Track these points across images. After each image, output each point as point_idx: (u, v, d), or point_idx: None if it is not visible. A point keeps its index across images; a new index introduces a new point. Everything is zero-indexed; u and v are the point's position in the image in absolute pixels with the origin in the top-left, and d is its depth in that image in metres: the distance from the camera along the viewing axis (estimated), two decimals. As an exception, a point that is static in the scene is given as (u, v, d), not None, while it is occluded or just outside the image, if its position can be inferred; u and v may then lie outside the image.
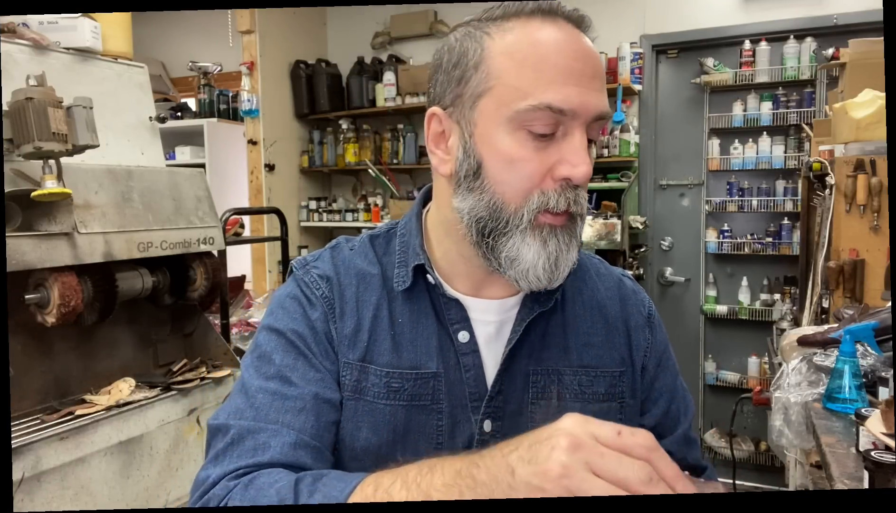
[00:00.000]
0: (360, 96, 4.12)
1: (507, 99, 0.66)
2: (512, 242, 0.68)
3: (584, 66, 0.66)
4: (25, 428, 1.59)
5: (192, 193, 2.05)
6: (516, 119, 0.66)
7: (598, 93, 0.67)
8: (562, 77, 0.65)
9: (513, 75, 0.66)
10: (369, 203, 4.23)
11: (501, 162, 0.67)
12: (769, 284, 3.58)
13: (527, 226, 0.67)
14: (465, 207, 0.70)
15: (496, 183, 0.68)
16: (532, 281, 0.69)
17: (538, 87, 0.65)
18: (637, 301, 0.85)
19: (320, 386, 0.72)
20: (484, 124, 0.68)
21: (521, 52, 0.66)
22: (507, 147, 0.67)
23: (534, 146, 0.66)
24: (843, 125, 2.11)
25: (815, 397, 1.49)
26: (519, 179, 0.67)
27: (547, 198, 0.67)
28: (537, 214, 0.67)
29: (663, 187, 3.83)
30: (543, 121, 0.65)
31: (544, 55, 0.66)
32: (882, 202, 1.97)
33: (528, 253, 0.68)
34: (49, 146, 1.50)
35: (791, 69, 3.39)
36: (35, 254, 1.57)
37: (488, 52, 0.68)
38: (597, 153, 3.61)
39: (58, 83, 1.59)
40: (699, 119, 3.71)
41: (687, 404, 0.85)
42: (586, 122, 0.67)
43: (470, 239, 0.71)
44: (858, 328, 1.57)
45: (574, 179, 0.66)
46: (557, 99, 0.64)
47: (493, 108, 0.67)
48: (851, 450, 1.20)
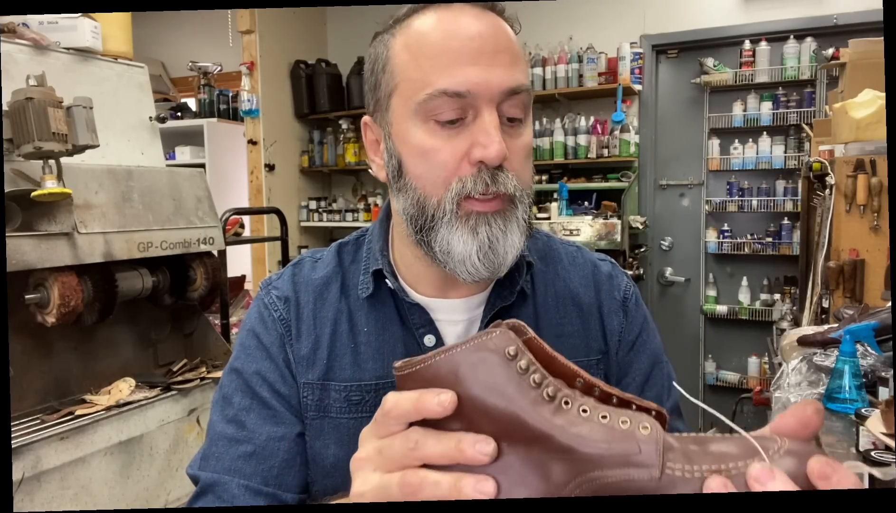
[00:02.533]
0: (360, 96, 4.12)
1: (410, 92, 0.66)
2: (441, 235, 0.67)
3: (483, 44, 0.64)
4: (25, 428, 1.59)
5: (192, 193, 2.05)
6: (421, 111, 0.65)
7: (505, 68, 0.65)
8: (456, 60, 0.64)
9: (412, 68, 0.66)
10: (369, 203, 4.23)
11: (416, 156, 0.67)
12: (769, 284, 3.58)
13: (451, 216, 0.66)
14: (400, 208, 0.70)
15: (415, 178, 0.68)
16: (471, 271, 0.67)
17: (433, 74, 0.64)
18: (611, 286, 0.83)
19: (274, 424, 0.73)
20: (397, 123, 0.68)
21: (416, 43, 0.66)
22: (419, 140, 0.66)
23: (445, 134, 0.65)
24: (843, 125, 2.11)
25: (815, 397, 1.49)
26: (433, 169, 0.66)
27: (464, 183, 0.65)
28: (460, 203, 0.65)
29: (663, 187, 3.83)
30: (446, 107, 0.64)
31: (437, 41, 0.65)
32: (882, 202, 1.97)
33: (458, 243, 0.66)
34: (49, 146, 1.50)
35: (791, 69, 3.40)
36: (35, 254, 1.57)
37: (392, 51, 0.68)
38: (597, 153, 3.63)
39: (58, 83, 1.59)
40: (699, 119, 3.71)
41: (670, 394, 0.83)
42: (494, 99, 0.64)
43: (412, 239, 0.71)
44: (858, 328, 1.57)
45: (486, 159, 0.64)
46: (452, 82, 0.63)
47: (401, 105, 0.67)
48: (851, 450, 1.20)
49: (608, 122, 3.64)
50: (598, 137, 3.63)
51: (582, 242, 3.36)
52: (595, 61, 3.60)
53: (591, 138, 3.63)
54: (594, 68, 3.60)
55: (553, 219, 3.49)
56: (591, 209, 3.59)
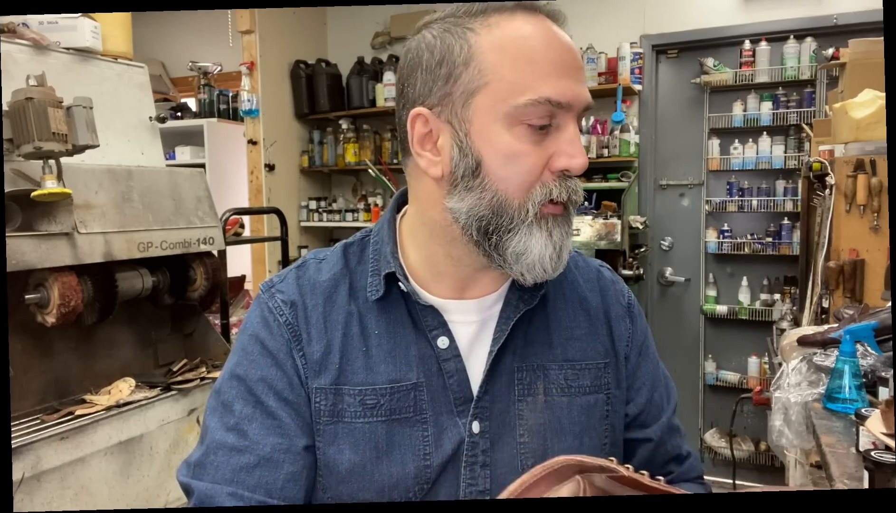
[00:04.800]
0: (360, 96, 4.12)
1: (504, 94, 0.66)
2: (519, 238, 0.68)
3: (573, 59, 0.68)
4: (25, 428, 1.59)
5: (192, 193, 2.05)
6: (514, 114, 0.66)
7: (583, 84, 0.69)
8: (556, 70, 0.66)
9: (508, 70, 0.66)
10: (369, 203, 4.23)
11: (502, 158, 0.67)
12: (769, 284, 3.58)
13: (532, 219, 0.68)
14: (462, 208, 0.69)
15: (498, 180, 0.68)
16: (539, 273, 0.69)
17: (535, 81, 0.65)
18: (616, 291, 0.85)
19: (279, 436, 0.71)
20: (480, 121, 0.67)
21: (512, 46, 0.66)
22: (506, 143, 0.67)
23: (532, 140, 0.67)
24: (843, 125, 2.11)
25: (815, 397, 1.49)
26: (520, 173, 0.67)
27: (548, 189, 0.68)
28: (541, 207, 0.68)
29: (663, 187, 3.83)
30: (541, 114, 0.66)
31: (536, 49, 0.66)
32: (882, 202, 1.97)
33: (535, 246, 0.68)
34: (49, 146, 1.50)
35: (791, 69, 3.40)
36: (35, 254, 1.57)
37: (477, 47, 0.67)
38: (597, 153, 3.61)
39: (58, 83, 1.60)
40: (699, 119, 3.71)
41: (669, 391, 0.86)
42: (579, 113, 0.69)
43: (469, 239, 0.70)
44: (858, 328, 1.57)
45: (573, 169, 0.68)
46: (556, 92, 0.65)
47: (490, 105, 0.67)
48: (851, 450, 1.20)
49: (608, 123, 3.64)
50: (598, 136, 3.63)
51: (582, 243, 3.36)
52: (595, 61, 3.60)
53: (591, 138, 3.63)
54: (594, 68, 3.60)
55: (553, 219, 3.48)
56: (591, 209, 3.58)
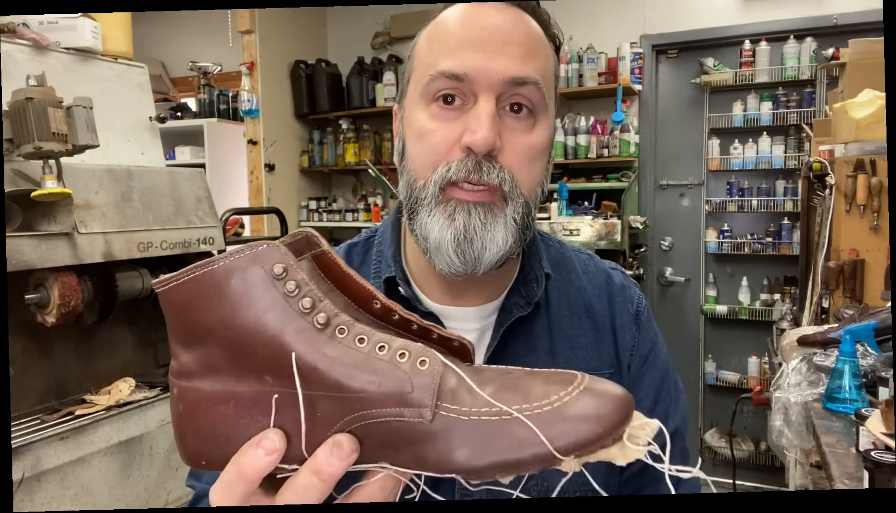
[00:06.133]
0: (360, 96, 4.12)
1: (420, 75, 0.67)
2: (420, 218, 0.65)
3: (493, 34, 0.64)
4: (25, 428, 1.59)
5: (192, 193, 2.05)
6: (426, 93, 0.66)
7: (512, 58, 0.64)
8: (463, 44, 0.64)
9: (425, 53, 0.67)
10: (369, 203, 4.23)
11: (414, 137, 0.67)
12: (769, 284, 3.58)
13: (432, 200, 0.64)
14: (401, 192, 0.70)
15: (411, 159, 0.67)
16: (447, 261, 0.65)
17: (440, 57, 0.65)
18: (625, 298, 0.81)
19: None
20: (409, 106, 0.69)
21: (435, 30, 0.68)
22: (419, 122, 0.66)
23: (443, 117, 0.65)
24: (843, 125, 2.11)
25: (815, 397, 1.49)
26: (425, 150, 0.65)
27: (448, 167, 0.63)
28: (445, 189, 0.64)
29: (663, 187, 3.83)
30: (441, 88, 0.64)
31: (450, 28, 0.66)
32: (882, 202, 1.97)
33: (434, 228, 0.64)
34: (49, 146, 1.50)
35: (791, 69, 3.40)
36: (35, 254, 1.57)
37: (417, 40, 0.70)
38: (597, 153, 3.62)
39: (58, 83, 1.59)
40: (699, 119, 3.71)
41: (677, 405, 0.81)
42: (493, 88, 0.63)
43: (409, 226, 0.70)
44: (858, 328, 1.57)
45: (472, 145, 0.62)
46: (455, 64, 0.63)
47: (413, 89, 0.68)
48: (851, 450, 1.20)
49: (608, 123, 3.64)
50: (598, 136, 3.63)
51: (582, 243, 3.36)
52: (595, 61, 3.60)
53: (591, 138, 3.63)
54: (594, 68, 3.60)
55: (553, 219, 3.48)
56: (591, 209, 3.58)
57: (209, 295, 0.40)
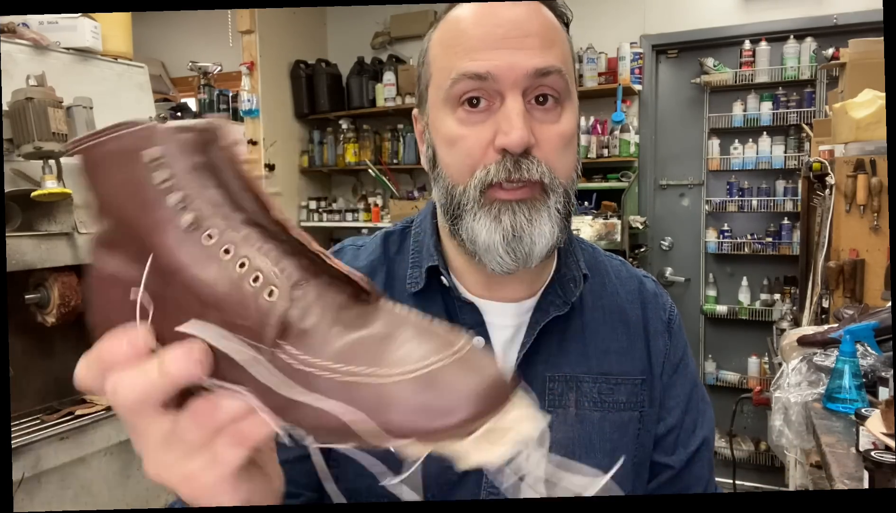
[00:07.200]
0: (360, 96, 4.12)
1: (440, 81, 0.67)
2: (465, 223, 0.66)
3: (509, 30, 0.64)
4: (25, 428, 1.59)
5: (192, 193, 2.05)
6: (450, 98, 0.66)
7: (531, 50, 0.64)
8: (480, 43, 0.64)
9: (441, 57, 0.67)
10: (369, 203, 4.23)
11: (445, 144, 0.67)
12: (769, 284, 3.58)
13: (474, 204, 0.65)
14: (436, 198, 0.71)
15: (445, 166, 0.68)
16: (496, 260, 0.65)
17: (458, 59, 0.65)
18: (657, 305, 0.80)
19: None
20: (432, 113, 0.69)
21: (447, 33, 0.68)
22: (447, 128, 0.66)
23: (471, 122, 0.65)
24: (843, 125, 2.11)
25: (815, 397, 1.49)
26: (460, 157, 0.66)
27: (487, 171, 0.64)
28: (486, 191, 0.64)
29: (663, 187, 3.83)
30: (465, 90, 0.64)
31: (464, 28, 0.66)
32: (882, 202, 1.97)
33: (482, 231, 0.65)
34: (49, 146, 1.50)
35: (791, 69, 3.40)
36: (35, 254, 1.57)
37: (429, 45, 0.70)
38: (597, 153, 3.61)
39: (58, 83, 1.60)
40: (699, 119, 3.71)
41: (706, 415, 0.80)
42: (518, 84, 0.63)
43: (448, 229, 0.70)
44: (858, 328, 1.57)
45: (508, 146, 0.62)
46: (475, 65, 0.63)
47: (435, 95, 0.68)
48: (851, 450, 1.20)
49: (608, 122, 3.64)
50: (598, 136, 3.63)
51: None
52: (595, 61, 3.60)
53: (591, 138, 3.63)
54: (594, 68, 3.60)
55: (553, 219, 3.48)
56: (591, 209, 3.58)
57: (95, 167, 0.38)
